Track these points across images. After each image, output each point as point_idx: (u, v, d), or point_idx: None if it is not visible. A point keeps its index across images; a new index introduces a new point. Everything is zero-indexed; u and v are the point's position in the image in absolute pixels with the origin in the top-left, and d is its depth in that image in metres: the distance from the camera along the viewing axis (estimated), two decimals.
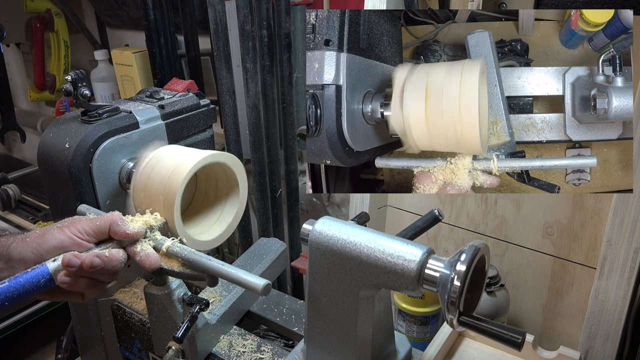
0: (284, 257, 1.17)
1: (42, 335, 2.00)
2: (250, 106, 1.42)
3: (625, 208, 0.97)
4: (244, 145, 1.52)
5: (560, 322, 1.16)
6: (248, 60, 1.38)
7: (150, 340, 0.99)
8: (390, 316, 0.85)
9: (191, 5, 1.63)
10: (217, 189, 0.98)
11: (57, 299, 0.81)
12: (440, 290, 0.66)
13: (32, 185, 2.15)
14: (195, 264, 0.80)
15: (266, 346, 0.98)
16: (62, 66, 2.16)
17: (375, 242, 0.72)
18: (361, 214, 0.90)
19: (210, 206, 0.99)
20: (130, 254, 0.80)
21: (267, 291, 0.74)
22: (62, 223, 0.80)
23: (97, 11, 2.10)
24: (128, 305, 1.04)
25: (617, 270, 1.00)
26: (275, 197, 1.53)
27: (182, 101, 1.09)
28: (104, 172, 0.96)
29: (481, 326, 0.67)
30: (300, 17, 1.43)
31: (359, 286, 0.74)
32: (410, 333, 1.11)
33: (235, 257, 1.82)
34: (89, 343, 1.12)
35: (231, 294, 1.03)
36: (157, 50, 1.62)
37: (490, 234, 1.21)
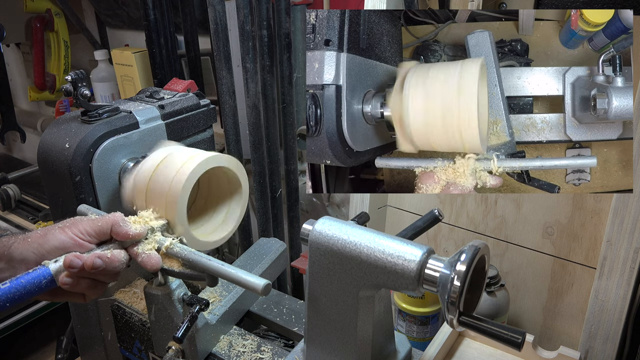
0: (284, 257, 1.17)
1: (42, 335, 2.00)
2: (250, 106, 1.42)
3: (625, 208, 0.97)
4: (244, 145, 1.52)
5: (560, 322, 1.16)
6: (248, 60, 1.38)
7: (150, 340, 0.99)
8: (390, 316, 0.85)
9: (191, 5, 1.63)
10: (218, 190, 0.98)
11: (58, 299, 0.81)
12: (440, 290, 0.66)
13: (32, 185, 2.15)
14: (195, 264, 0.80)
15: (266, 346, 0.98)
16: (62, 66, 2.17)
17: (375, 242, 0.72)
18: (361, 214, 0.90)
19: (211, 207, 0.99)
20: (132, 255, 0.80)
21: (267, 291, 0.74)
22: (64, 223, 0.80)
23: (97, 11, 2.10)
24: (128, 305, 1.04)
25: (617, 270, 1.00)
26: (275, 197, 1.53)
27: (182, 101, 1.09)
28: (104, 172, 0.96)
29: (481, 326, 0.67)
30: (300, 17, 1.43)
31: (359, 286, 0.74)
32: (410, 333, 1.11)
33: (235, 257, 1.82)
34: (89, 343, 1.12)
35: (231, 294, 1.03)
36: (157, 50, 1.62)
37: (490, 234, 1.21)
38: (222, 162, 0.89)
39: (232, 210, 0.97)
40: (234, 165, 0.91)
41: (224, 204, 0.98)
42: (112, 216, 0.80)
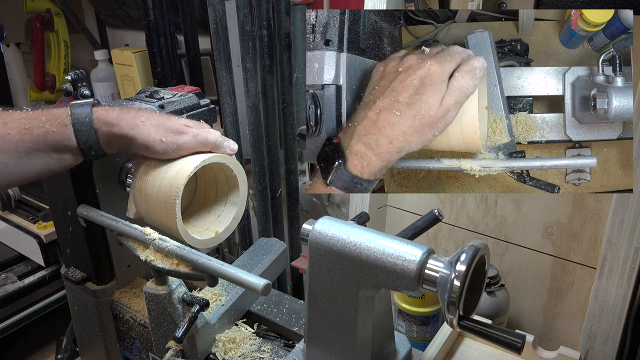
0: (284, 257, 1.17)
1: (42, 335, 2.00)
2: (250, 106, 1.42)
3: (625, 208, 0.97)
4: (244, 145, 1.52)
5: (560, 322, 1.16)
6: (248, 60, 1.38)
7: (150, 340, 0.99)
8: (390, 316, 0.85)
9: (191, 5, 1.63)
10: (217, 189, 0.98)
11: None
12: (440, 290, 0.66)
13: (32, 185, 2.14)
14: (195, 264, 0.80)
15: (266, 346, 0.98)
16: (62, 66, 2.17)
17: (375, 242, 0.72)
18: (361, 214, 0.90)
19: (210, 206, 0.99)
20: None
21: (267, 291, 0.74)
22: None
23: (97, 11, 2.10)
24: (128, 305, 1.04)
25: (617, 270, 1.00)
26: (275, 197, 1.53)
27: (181, 101, 1.09)
28: (104, 172, 0.96)
29: (482, 330, 0.67)
30: (300, 17, 1.43)
31: (359, 286, 0.74)
32: (410, 333, 1.11)
33: (235, 257, 1.82)
34: (89, 343, 1.12)
35: (231, 294, 1.03)
36: (157, 50, 1.62)
37: (490, 234, 1.21)
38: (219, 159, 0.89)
39: (226, 210, 0.97)
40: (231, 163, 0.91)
41: (220, 203, 0.98)
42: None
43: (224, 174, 0.95)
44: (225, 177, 0.95)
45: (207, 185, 1.00)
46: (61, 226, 1.06)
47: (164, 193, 0.84)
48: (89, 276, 1.06)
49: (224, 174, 0.95)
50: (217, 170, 0.94)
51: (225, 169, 0.92)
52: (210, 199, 0.99)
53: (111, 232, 0.98)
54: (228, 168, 0.91)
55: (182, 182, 0.82)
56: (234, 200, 0.96)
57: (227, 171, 0.93)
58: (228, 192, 0.96)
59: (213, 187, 0.99)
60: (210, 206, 0.98)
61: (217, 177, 0.97)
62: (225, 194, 0.97)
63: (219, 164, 0.90)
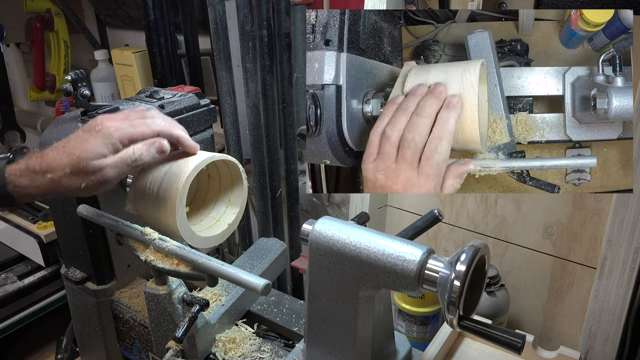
0: (284, 257, 1.17)
1: (42, 335, 2.00)
2: (250, 106, 1.42)
3: (625, 208, 0.97)
4: (244, 145, 1.52)
5: (560, 322, 1.16)
6: (248, 60, 1.38)
7: (150, 340, 0.99)
8: (390, 316, 0.85)
9: (191, 5, 1.63)
10: (219, 189, 0.98)
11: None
12: (440, 290, 0.66)
13: None
14: (195, 264, 0.80)
15: (266, 346, 0.98)
16: (62, 66, 2.17)
17: (375, 242, 0.72)
18: (361, 214, 0.90)
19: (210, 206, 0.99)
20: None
21: (267, 291, 0.74)
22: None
23: (97, 11, 2.10)
24: (128, 305, 1.04)
25: (617, 270, 1.00)
26: (275, 197, 1.53)
27: (181, 101, 1.09)
28: None
29: (482, 330, 0.67)
30: (300, 17, 1.43)
31: (359, 286, 0.74)
32: (410, 333, 1.11)
33: (235, 257, 1.82)
34: (89, 343, 1.12)
35: (231, 294, 1.03)
36: (157, 50, 1.62)
37: (490, 234, 1.21)
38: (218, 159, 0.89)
39: (229, 209, 0.97)
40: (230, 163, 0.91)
41: (222, 202, 0.98)
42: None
43: (225, 174, 0.95)
44: (228, 176, 0.95)
45: (207, 185, 1.00)
46: (61, 226, 1.06)
47: (165, 193, 0.84)
48: (89, 276, 1.06)
49: (228, 170, 0.94)
50: (222, 168, 0.94)
51: (229, 164, 0.91)
52: (210, 199, 0.99)
53: (111, 232, 0.98)
54: (232, 164, 0.90)
55: (184, 181, 0.82)
56: (236, 199, 0.96)
57: (227, 171, 0.93)
58: (230, 191, 0.96)
59: (213, 188, 0.99)
60: (210, 206, 0.98)
61: (221, 175, 0.97)
62: (225, 194, 0.97)
63: (219, 164, 0.90)
